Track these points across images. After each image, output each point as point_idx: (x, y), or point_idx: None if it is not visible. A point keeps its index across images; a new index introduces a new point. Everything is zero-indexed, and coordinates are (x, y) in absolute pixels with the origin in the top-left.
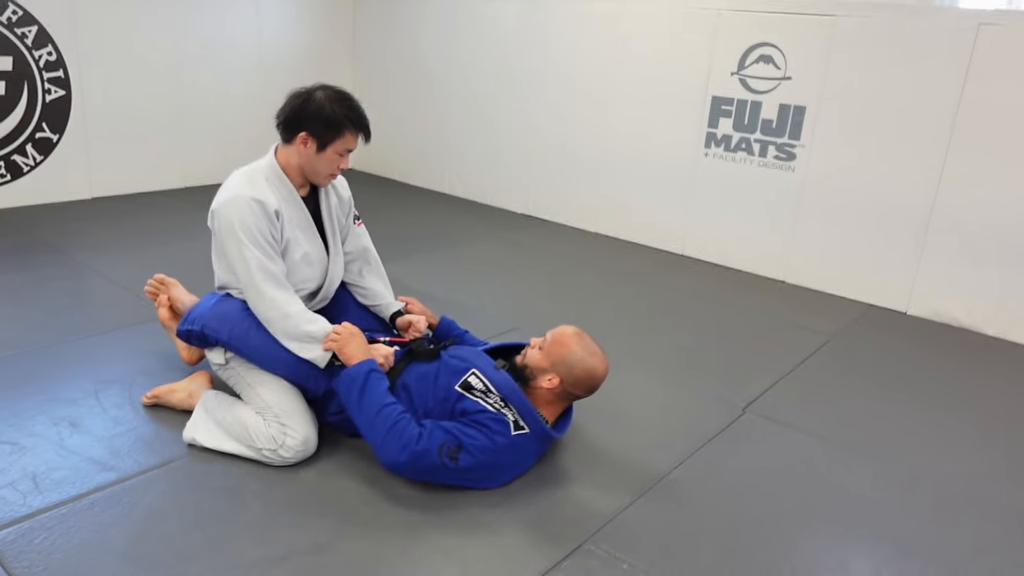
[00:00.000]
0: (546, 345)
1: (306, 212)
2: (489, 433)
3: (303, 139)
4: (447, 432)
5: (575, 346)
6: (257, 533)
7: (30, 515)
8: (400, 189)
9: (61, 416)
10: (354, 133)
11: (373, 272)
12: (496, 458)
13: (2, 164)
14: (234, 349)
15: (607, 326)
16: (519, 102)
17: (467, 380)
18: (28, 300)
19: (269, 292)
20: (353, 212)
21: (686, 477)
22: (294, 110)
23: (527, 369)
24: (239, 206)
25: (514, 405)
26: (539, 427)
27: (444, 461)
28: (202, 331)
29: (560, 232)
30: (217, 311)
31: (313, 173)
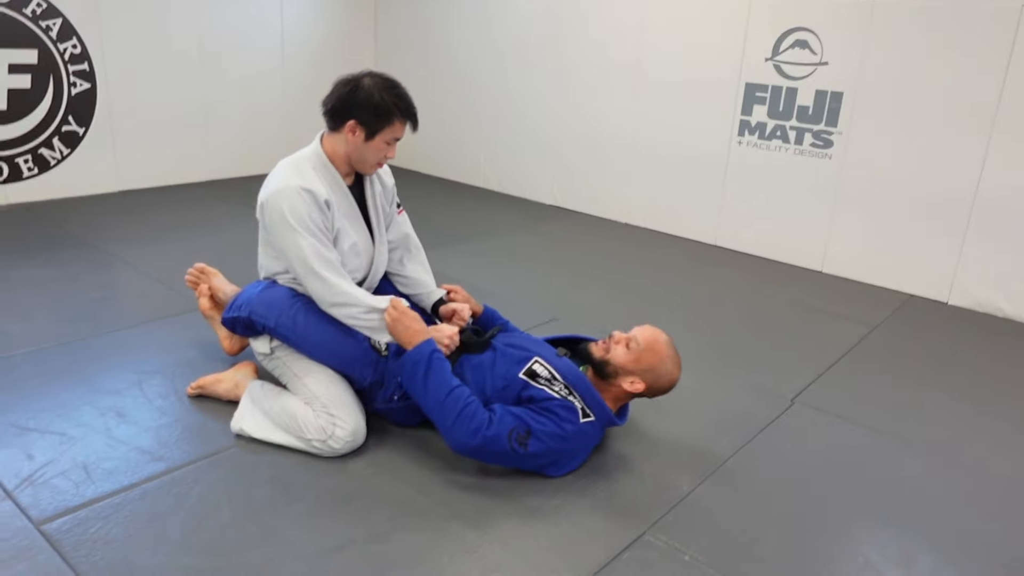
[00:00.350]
0: (636, 348)
1: (352, 201)
2: (558, 420)
3: (351, 127)
4: (517, 417)
5: (667, 357)
6: (312, 523)
7: (84, 504)
8: (430, 183)
9: (107, 407)
10: (403, 121)
11: (414, 259)
12: (563, 444)
13: (30, 158)
14: (281, 336)
15: (644, 318)
16: (548, 92)
17: (531, 368)
18: (60, 293)
19: (330, 278)
20: (396, 199)
21: (740, 467)
22: (342, 98)
23: (608, 365)
24: (289, 196)
25: (579, 393)
26: (605, 415)
27: (514, 446)
28: (249, 317)
29: (593, 224)
30: (265, 297)
31: (360, 162)
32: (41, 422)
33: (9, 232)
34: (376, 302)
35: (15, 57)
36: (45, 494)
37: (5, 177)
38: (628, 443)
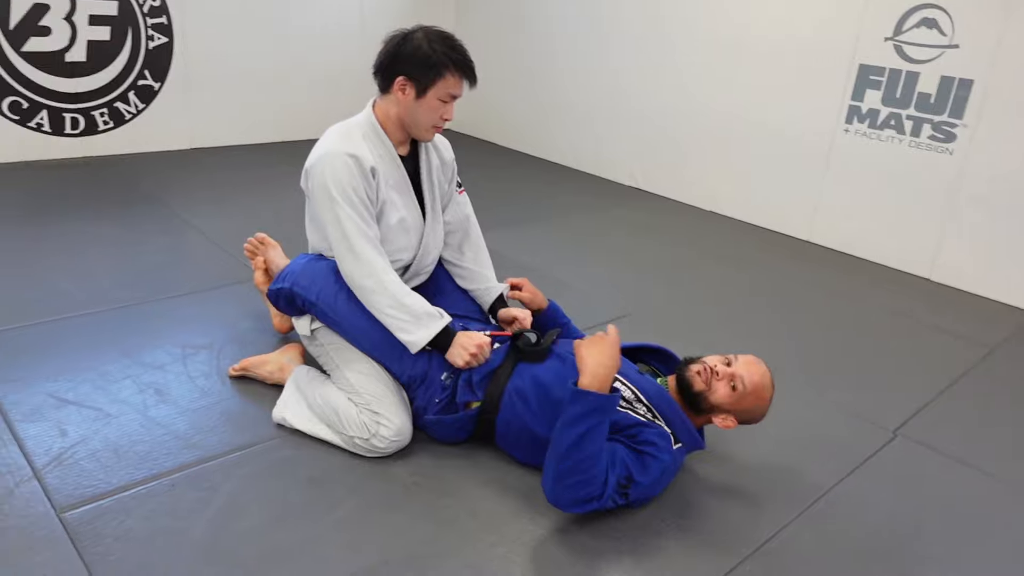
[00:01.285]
0: (742, 391)
1: (404, 172)
2: (657, 452)
3: (401, 84)
4: (622, 466)
5: (768, 399)
6: (347, 536)
7: (110, 493)
8: (504, 155)
9: (148, 382)
10: (457, 75)
11: (473, 247)
12: (660, 479)
13: (106, 111)
14: (320, 313)
15: (724, 321)
16: (637, 64)
17: (612, 386)
18: (125, 254)
19: (366, 255)
20: (456, 178)
21: (831, 510)
22: (389, 52)
23: (704, 401)
24: (333, 163)
25: (665, 416)
26: (693, 440)
27: (616, 501)
28: (291, 289)
29: (673, 209)
30: (308, 269)
31: (413, 124)
32: (80, 394)
33: (84, 186)
34: (410, 302)
35: (96, 8)
36: (72, 477)
37: (82, 130)
38: (702, 468)
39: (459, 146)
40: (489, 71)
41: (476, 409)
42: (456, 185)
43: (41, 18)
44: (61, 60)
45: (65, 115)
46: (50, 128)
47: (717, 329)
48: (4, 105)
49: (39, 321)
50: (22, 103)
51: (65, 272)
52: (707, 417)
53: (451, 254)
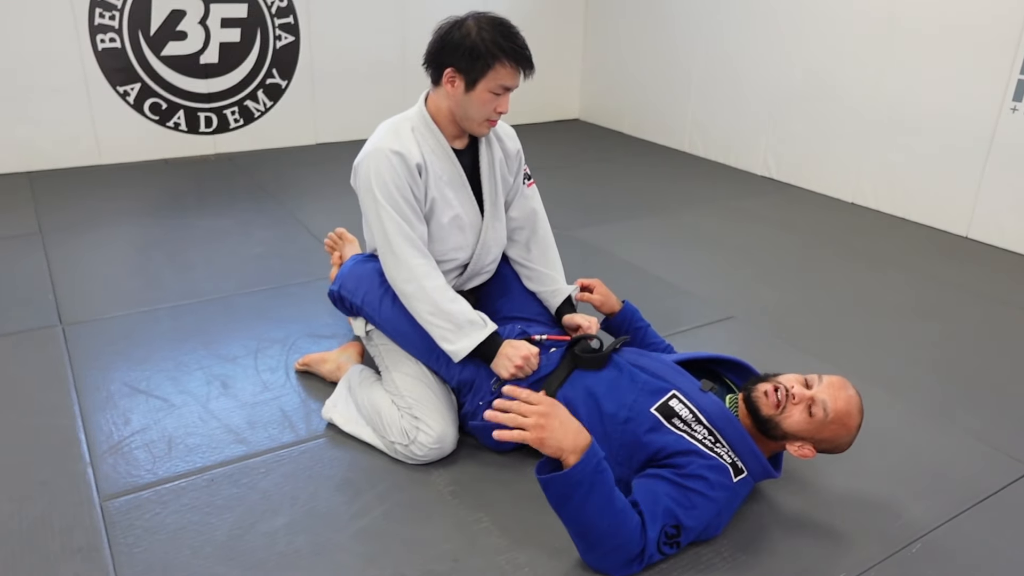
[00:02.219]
0: (822, 418)
1: (459, 168)
2: (709, 490)
3: (449, 77)
4: (667, 512)
5: (856, 428)
6: (368, 547)
7: (151, 484)
8: (628, 143)
9: (217, 374)
10: (508, 66)
11: (540, 245)
12: (716, 518)
13: (236, 109)
14: (367, 316)
15: (848, 326)
16: (771, 46)
17: (668, 404)
18: (227, 246)
19: (407, 258)
20: (524, 170)
21: (939, 548)
22: (438, 42)
23: (775, 427)
24: (377, 161)
25: (729, 442)
26: (761, 468)
27: (664, 551)
28: (339, 292)
29: (808, 200)
30: (355, 271)
31: (465, 118)
32: (152, 384)
33: (209, 182)
34: (452, 308)
35: (227, 11)
36: (122, 466)
37: (214, 128)
38: (776, 495)
39: (580, 135)
40: (615, 55)
41: None
42: (524, 178)
43: (178, 24)
44: (196, 62)
45: (200, 114)
46: (186, 127)
47: (838, 337)
48: (146, 107)
49: (134, 311)
50: (161, 104)
51: (169, 264)
52: (780, 444)
53: (517, 252)
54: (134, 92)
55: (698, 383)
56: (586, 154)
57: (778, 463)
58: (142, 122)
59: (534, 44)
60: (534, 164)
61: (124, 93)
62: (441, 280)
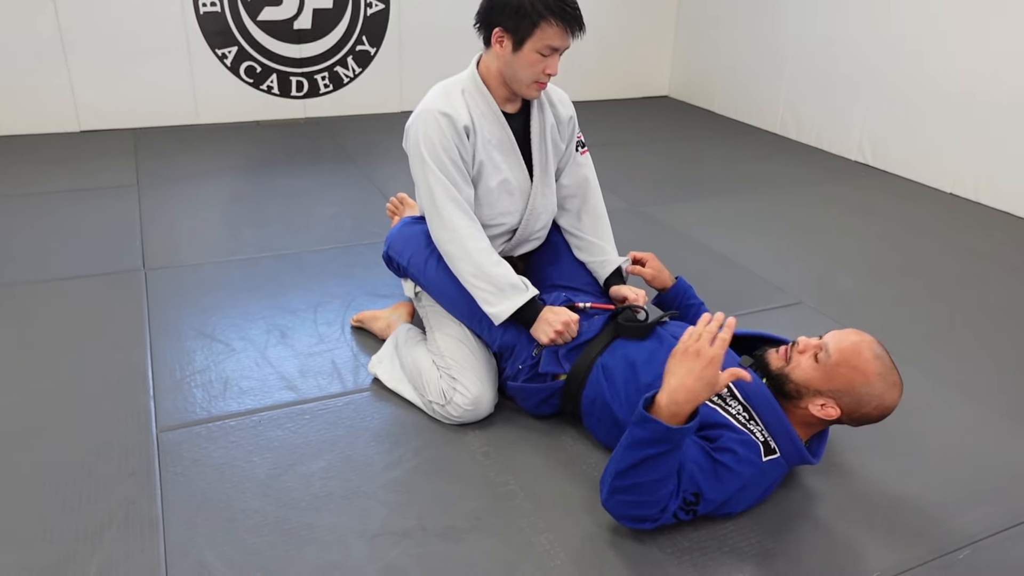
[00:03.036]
0: (829, 361)
1: (508, 131)
2: (736, 463)
3: (498, 37)
4: (689, 480)
5: (873, 374)
6: (395, 498)
7: (204, 420)
8: (717, 122)
9: (277, 324)
10: (555, 25)
11: (591, 214)
12: (740, 492)
13: (326, 75)
14: (413, 277)
15: (926, 320)
16: (870, 22)
17: None
18: (304, 205)
19: (451, 219)
20: (578, 137)
21: (989, 556)
22: (487, 2)
23: (787, 382)
24: (426, 122)
25: (763, 418)
26: (795, 449)
27: (679, 517)
28: (388, 253)
29: (903, 188)
30: (403, 233)
31: (514, 80)
32: (217, 329)
33: (295, 143)
34: (495, 272)
35: None
36: (180, 402)
37: (305, 92)
38: (817, 483)
39: (669, 112)
40: (708, 33)
41: (561, 382)
42: (578, 146)
43: None
44: (290, 28)
45: (291, 79)
46: (278, 91)
47: (912, 331)
48: (241, 69)
49: (211, 261)
50: (256, 67)
51: (249, 218)
52: (805, 411)
53: (568, 221)
54: (231, 55)
55: (738, 359)
56: (672, 131)
57: (817, 450)
58: (237, 84)
59: (626, 21)
60: (619, 139)
61: (222, 56)
62: (485, 243)
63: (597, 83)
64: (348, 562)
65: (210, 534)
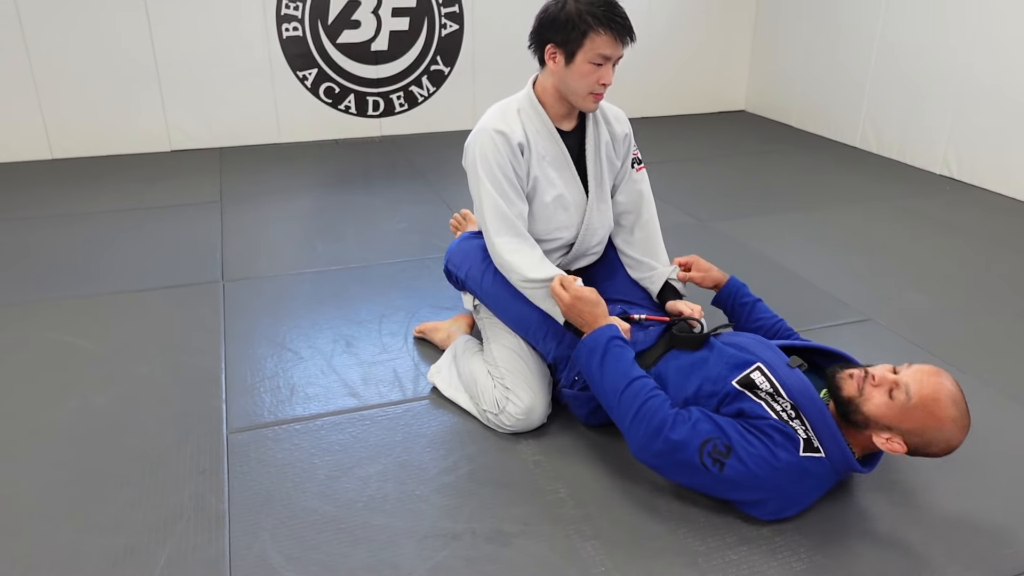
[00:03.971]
0: (904, 401)
1: (563, 147)
2: (771, 444)
3: (551, 53)
4: (718, 427)
5: (948, 420)
6: (447, 500)
7: (272, 423)
8: (794, 136)
9: (343, 334)
10: (604, 34)
11: (643, 229)
12: (773, 477)
13: (402, 94)
14: (471, 290)
15: (1006, 339)
16: (955, 32)
17: (750, 376)
18: (375, 221)
19: (507, 233)
20: (634, 154)
21: None
22: (537, 21)
23: (856, 411)
24: (481, 140)
25: (809, 419)
26: (841, 454)
27: (705, 461)
28: (447, 267)
29: (990, 203)
30: (461, 247)
31: (570, 93)
32: (288, 338)
33: (371, 161)
34: (536, 271)
35: (398, 1)
36: (250, 405)
37: (382, 111)
38: (883, 503)
39: (745, 126)
40: (785, 46)
41: None
42: (634, 163)
43: (353, 13)
44: (367, 49)
45: (368, 98)
46: (356, 110)
47: (989, 350)
48: (321, 90)
49: (285, 273)
50: (335, 88)
51: (323, 233)
52: (867, 435)
53: (622, 237)
54: (311, 77)
55: (786, 359)
56: (748, 146)
57: (871, 461)
58: (317, 104)
59: (703, 35)
60: (693, 155)
61: (303, 78)
62: (537, 253)
63: (673, 98)
64: (399, 561)
65: (272, 529)
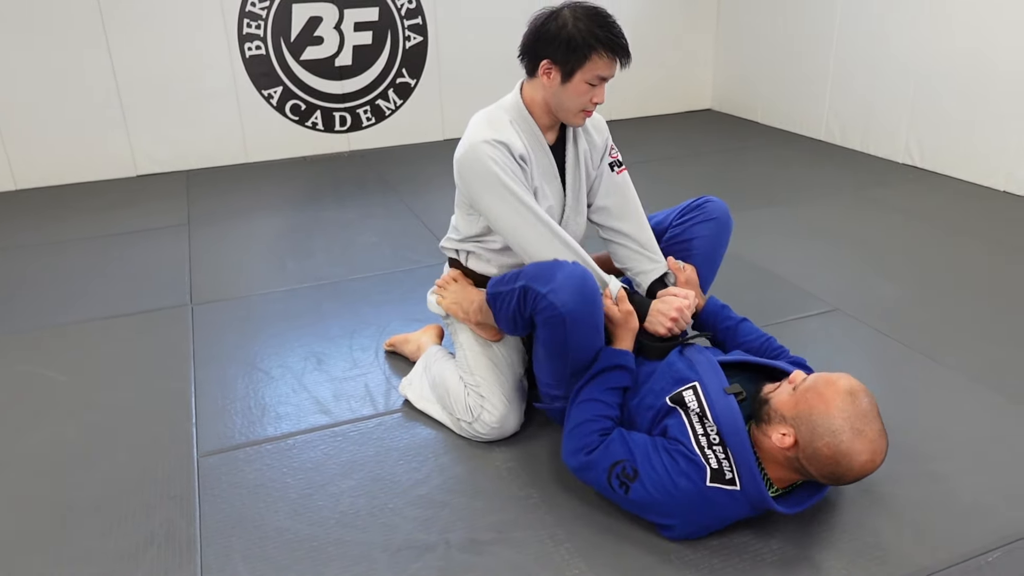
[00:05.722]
0: (801, 387)
1: (552, 160)
2: (674, 472)
3: (545, 68)
4: (629, 451)
5: (836, 410)
6: (420, 511)
7: (243, 445)
8: (761, 132)
9: (313, 351)
10: (605, 56)
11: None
12: (673, 504)
13: (368, 108)
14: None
15: (972, 324)
16: (915, 18)
17: (682, 394)
18: (345, 236)
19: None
20: (611, 157)
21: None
22: (533, 34)
23: (764, 404)
24: (484, 151)
25: (731, 448)
26: (756, 489)
27: (613, 483)
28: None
29: (952, 189)
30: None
31: (561, 109)
32: (259, 358)
33: (340, 176)
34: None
35: (360, 16)
36: (221, 427)
37: (349, 126)
38: (850, 489)
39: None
40: (749, 43)
41: None
42: (614, 166)
43: (315, 29)
44: (332, 65)
45: (335, 114)
46: (323, 126)
47: (955, 336)
48: (287, 108)
49: (255, 293)
50: (301, 105)
51: (294, 251)
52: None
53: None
54: (277, 95)
55: (726, 384)
56: (715, 144)
57: (796, 501)
58: (284, 122)
59: (666, 36)
60: (661, 155)
61: (268, 96)
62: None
63: (639, 100)
64: (372, 575)
65: (243, 552)
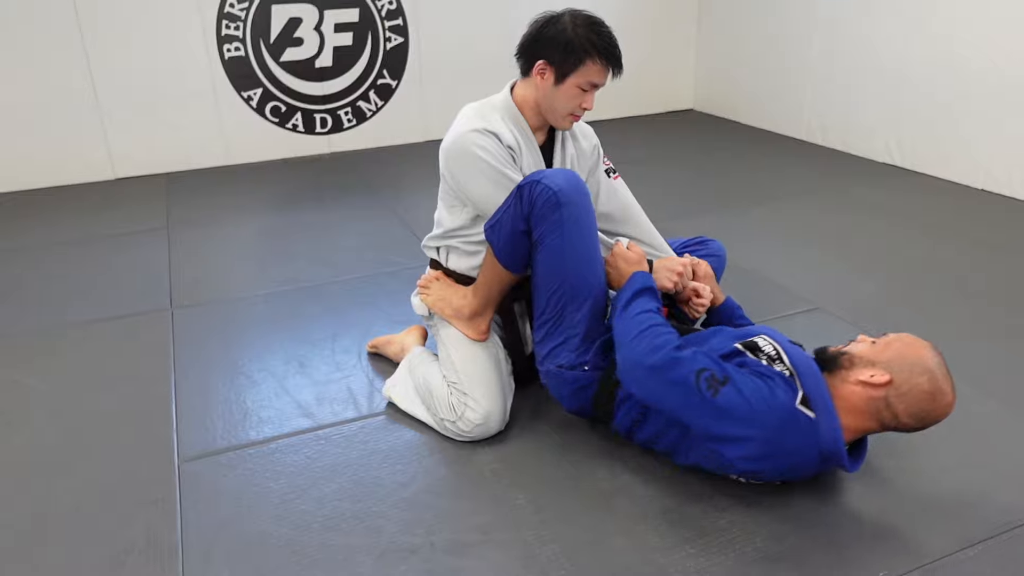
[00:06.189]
0: (882, 341)
1: (541, 159)
2: (771, 384)
3: (540, 69)
4: (719, 364)
5: (929, 355)
6: (405, 514)
7: (225, 449)
8: (743, 133)
9: (296, 355)
10: (599, 63)
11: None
12: (766, 414)
13: (349, 110)
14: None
15: (951, 321)
16: (894, 19)
17: (753, 340)
18: (327, 238)
19: None
20: (603, 165)
21: (1002, 554)
22: (532, 35)
23: (846, 357)
24: (472, 139)
25: (806, 386)
26: (830, 424)
27: (700, 384)
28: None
29: (932, 187)
30: None
31: (550, 111)
32: (240, 362)
33: (321, 178)
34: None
35: (340, 17)
36: (201, 432)
37: (330, 128)
38: (837, 485)
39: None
40: (730, 44)
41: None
42: (608, 172)
43: (295, 30)
44: (312, 66)
45: (316, 116)
46: (303, 128)
47: (933, 332)
48: (267, 110)
49: (236, 296)
50: (281, 107)
51: (275, 254)
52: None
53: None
54: (256, 97)
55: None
56: (697, 145)
57: (859, 454)
58: (264, 124)
59: (647, 36)
60: (643, 156)
61: (248, 98)
62: None
63: (621, 100)
64: None
65: (226, 557)
